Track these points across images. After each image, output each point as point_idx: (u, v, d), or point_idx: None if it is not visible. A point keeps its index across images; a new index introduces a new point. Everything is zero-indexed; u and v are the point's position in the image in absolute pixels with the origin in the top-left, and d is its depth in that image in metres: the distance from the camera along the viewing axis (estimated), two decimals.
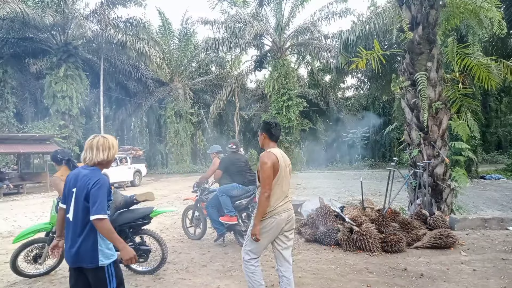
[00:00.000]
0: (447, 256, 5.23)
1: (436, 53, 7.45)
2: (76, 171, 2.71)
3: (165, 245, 4.83)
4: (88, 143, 2.69)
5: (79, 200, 2.54)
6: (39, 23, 19.53)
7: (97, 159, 2.65)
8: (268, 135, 3.54)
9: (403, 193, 8.92)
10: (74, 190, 2.59)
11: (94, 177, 2.56)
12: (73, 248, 2.54)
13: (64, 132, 21.26)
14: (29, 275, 4.88)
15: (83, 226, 2.53)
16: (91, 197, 2.48)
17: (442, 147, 7.38)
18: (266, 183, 3.24)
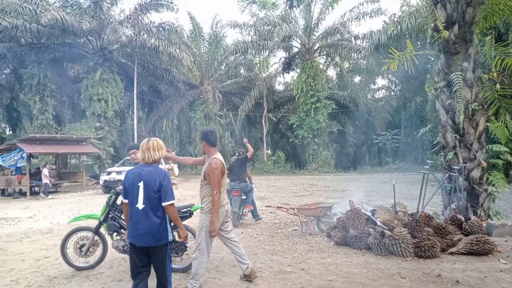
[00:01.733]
0: (484, 263, 5.04)
1: (473, 52, 7.19)
2: (136, 169, 3.36)
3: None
4: (144, 145, 3.38)
5: (150, 191, 3.22)
6: (77, 29, 20.43)
7: (155, 157, 3.36)
8: (207, 142, 4.20)
9: (436, 197, 8.65)
10: (140, 185, 3.24)
11: (162, 172, 3.32)
12: (146, 230, 3.21)
13: (99, 133, 22.06)
14: (74, 266, 5.15)
15: (155, 211, 3.24)
16: (163, 187, 3.23)
17: (478, 149, 7.11)
18: (217, 185, 3.99)
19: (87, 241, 5.11)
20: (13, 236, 7.73)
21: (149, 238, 3.23)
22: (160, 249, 3.31)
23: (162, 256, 3.34)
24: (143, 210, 3.23)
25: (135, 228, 3.26)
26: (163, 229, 3.29)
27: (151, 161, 3.36)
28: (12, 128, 32.60)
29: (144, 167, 3.35)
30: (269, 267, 5.07)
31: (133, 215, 3.27)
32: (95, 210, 11.13)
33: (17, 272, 5.19)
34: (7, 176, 16.86)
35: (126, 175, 3.40)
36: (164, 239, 3.30)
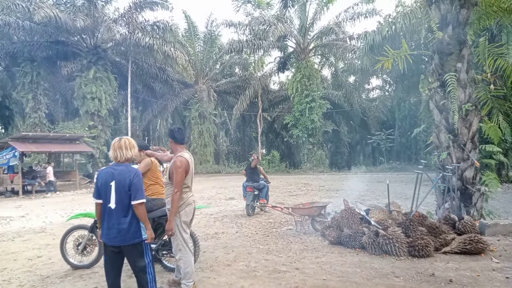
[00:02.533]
0: (477, 262, 5.08)
1: (467, 53, 7.24)
2: (108, 169, 3.33)
3: (198, 243, 4.92)
4: (116, 144, 3.35)
5: (121, 190, 3.21)
6: (71, 27, 20.28)
7: (127, 156, 3.35)
8: (173, 140, 4.17)
9: (430, 197, 8.71)
10: (112, 184, 3.22)
11: (133, 170, 3.29)
12: (117, 230, 3.21)
13: (93, 132, 21.92)
14: (71, 264, 5.16)
15: (127, 210, 3.23)
16: (133, 186, 3.21)
17: (472, 150, 7.17)
18: (179, 185, 3.91)
19: (83, 240, 5.10)
20: (5, 236, 7.65)
21: (121, 238, 3.23)
22: (133, 248, 3.31)
23: (137, 255, 3.33)
24: (115, 209, 3.23)
25: (107, 228, 3.27)
26: (135, 228, 3.28)
27: (123, 160, 3.34)
28: (4, 127, 32.28)
29: (116, 166, 3.33)
30: (263, 267, 5.06)
31: (105, 214, 3.28)
32: (88, 209, 11.06)
33: (9, 272, 5.14)
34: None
35: (98, 175, 3.38)
36: (136, 238, 3.28)
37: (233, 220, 8.74)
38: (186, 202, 4.10)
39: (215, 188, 16.28)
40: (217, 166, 30.66)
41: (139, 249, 3.33)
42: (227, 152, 38.28)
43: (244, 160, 32.97)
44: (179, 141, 4.18)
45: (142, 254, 3.35)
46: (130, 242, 3.26)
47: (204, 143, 30.11)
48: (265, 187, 9.69)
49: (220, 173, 28.46)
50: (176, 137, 4.15)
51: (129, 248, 3.29)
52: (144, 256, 3.36)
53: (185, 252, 4.09)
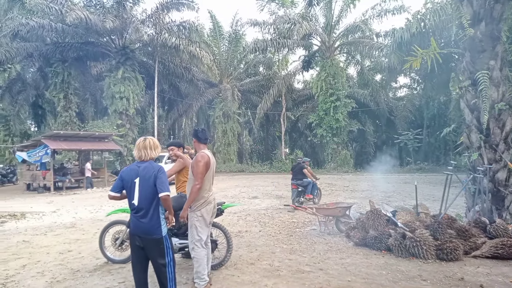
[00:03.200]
0: (510, 267, 4.89)
1: (500, 50, 6.96)
2: (133, 166, 3.49)
3: (231, 240, 4.99)
4: (141, 143, 3.52)
5: (146, 186, 3.35)
6: (100, 28, 20.86)
7: (151, 155, 3.52)
8: (197, 139, 4.36)
9: (460, 199, 8.44)
10: (136, 181, 3.38)
11: (156, 166, 3.45)
12: (138, 224, 3.37)
13: (121, 130, 22.47)
14: (109, 258, 5.36)
15: (149, 205, 3.36)
16: (158, 179, 3.34)
17: (505, 150, 6.88)
18: (198, 177, 4.05)
19: (121, 235, 5.25)
20: (38, 230, 7.98)
21: (141, 230, 3.38)
22: (154, 245, 3.40)
23: (157, 252, 3.42)
24: (138, 206, 3.38)
25: (132, 222, 3.46)
26: (156, 224, 3.40)
27: (147, 159, 3.50)
28: (37, 125, 33.67)
29: (140, 163, 3.49)
30: (287, 266, 5.06)
31: (131, 210, 3.46)
32: (117, 206, 11.38)
33: (43, 264, 5.37)
34: (32, 172, 17.41)
35: (123, 171, 3.54)
36: (156, 234, 3.39)
37: (256, 219, 8.77)
38: (207, 200, 4.18)
39: (238, 187, 16.37)
40: (240, 165, 30.80)
41: (160, 246, 3.42)
42: (250, 151, 38.36)
43: (267, 160, 32.96)
44: (202, 141, 4.37)
45: (163, 251, 3.44)
46: (149, 236, 3.37)
47: (228, 142, 30.31)
48: (310, 184, 10.54)
49: (243, 172, 28.58)
50: (199, 137, 4.35)
51: (150, 244, 3.40)
52: (164, 254, 3.45)
53: (198, 251, 4.14)
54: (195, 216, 4.13)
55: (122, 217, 5.83)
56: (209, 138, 4.51)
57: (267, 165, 30.49)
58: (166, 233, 3.50)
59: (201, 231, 4.15)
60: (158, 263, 3.44)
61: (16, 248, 6.39)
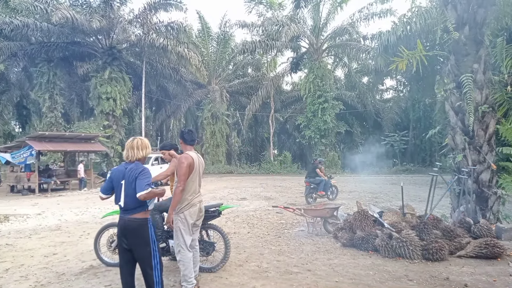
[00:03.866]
0: (493, 267, 4.98)
1: (484, 54, 7.12)
2: (120, 167, 3.46)
3: (229, 242, 4.94)
4: (129, 144, 3.48)
5: (129, 188, 3.29)
6: (87, 28, 20.62)
7: (138, 156, 3.45)
8: (183, 140, 4.31)
9: (445, 199, 8.58)
10: (122, 183, 3.34)
11: (139, 168, 3.36)
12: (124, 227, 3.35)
13: (108, 132, 22.22)
14: (104, 261, 5.27)
15: (133, 208, 3.33)
16: (137, 181, 3.25)
17: (488, 152, 7.03)
18: (181, 179, 3.98)
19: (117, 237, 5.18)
20: (22, 233, 7.82)
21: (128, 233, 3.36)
22: (141, 247, 3.37)
23: (143, 253, 3.38)
24: (124, 207, 3.37)
25: (119, 223, 3.43)
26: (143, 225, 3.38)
27: (133, 159, 3.44)
28: (21, 126, 33.03)
29: (127, 165, 3.44)
30: (275, 267, 5.07)
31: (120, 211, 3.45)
32: (103, 208, 11.23)
33: (26, 268, 5.26)
34: (17, 173, 17.07)
35: (111, 173, 3.53)
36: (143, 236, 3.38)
37: (244, 221, 8.76)
38: (191, 203, 4.11)
39: (227, 189, 16.34)
40: (229, 167, 30.75)
41: (147, 248, 3.38)
42: (239, 152, 38.33)
43: (256, 161, 32.98)
44: (188, 142, 4.32)
45: (150, 254, 3.40)
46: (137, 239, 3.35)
47: (216, 143, 30.23)
48: (322, 182, 11.66)
49: (232, 173, 28.53)
50: (185, 138, 4.31)
51: (137, 245, 3.37)
52: (151, 256, 3.40)
53: (184, 253, 4.09)
54: (178, 218, 4.08)
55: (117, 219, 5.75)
56: (196, 139, 4.43)
57: (255, 167, 30.50)
58: (153, 235, 3.45)
59: (185, 234, 4.10)
60: (144, 264, 3.42)
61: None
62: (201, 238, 4.92)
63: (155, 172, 16.50)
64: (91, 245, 6.52)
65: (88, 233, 7.67)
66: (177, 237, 4.12)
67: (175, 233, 4.14)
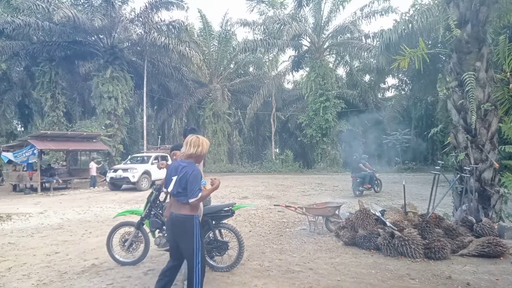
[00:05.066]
0: (496, 265, 4.97)
1: (486, 52, 7.08)
2: (176, 163, 3.60)
3: (243, 241, 4.91)
4: (185, 140, 3.62)
5: (179, 186, 3.42)
6: (88, 27, 20.64)
7: (188, 152, 3.50)
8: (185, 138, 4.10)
9: (447, 198, 8.56)
10: (173, 178, 3.47)
11: (191, 169, 3.43)
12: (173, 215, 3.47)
13: (109, 131, 22.26)
14: (117, 260, 5.27)
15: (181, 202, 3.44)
16: (189, 184, 3.35)
17: (491, 150, 7.00)
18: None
19: (130, 236, 5.20)
20: (24, 231, 7.85)
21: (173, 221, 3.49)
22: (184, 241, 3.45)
23: (188, 249, 3.43)
24: (173, 199, 3.57)
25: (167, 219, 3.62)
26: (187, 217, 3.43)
27: (185, 157, 3.56)
28: (24, 125, 33.09)
29: (183, 162, 3.56)
30: (277, 266, 5.07)
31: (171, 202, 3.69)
32: (105, 207, 11.26)
33: (29, 267, 5.27)
34: (19, 172, 17.12)
35: (169, 167, 3.71)
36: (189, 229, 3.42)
37: (246, 219, 8.77)
38: None
39: (228, 187, 16.34)
40: (230, 165, 30.78)
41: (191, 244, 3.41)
42: (240, 151, 38.33)
43: (257, 160, 33.01)
44: None
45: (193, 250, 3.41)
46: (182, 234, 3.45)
47: (218, 142, 30.25)
48: (367, 176, 12.77)
49: (233, 172, 28.55)
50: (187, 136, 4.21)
51: (182, 240, 3.46)
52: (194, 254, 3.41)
53: None
54: None
55: (130, 218, 5.77)
56: None
57: (257, 165, 30.51)
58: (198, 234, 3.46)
59: None
60: (188, 262, 3.48)
61: (1, 250, 6.27)
62: (214, 238, 4.90)
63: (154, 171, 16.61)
64: (93, 244, 6.58)
65: (90, 232, 7.70)
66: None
67: None
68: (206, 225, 4.71)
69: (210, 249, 4.90)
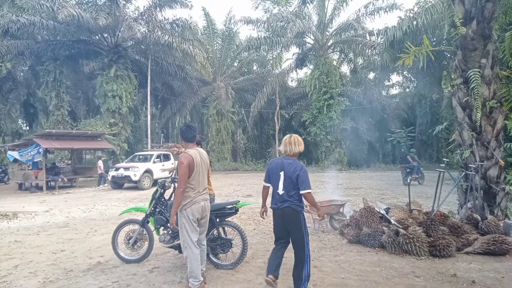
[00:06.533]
0: (501, 263, 4.95)
1: (492, 49, 7.01)
2: (279, 160, 3.98)
3: (246, 239, 4.92)
4: (287, 139, 3.97)
5: (288, 180, 3.80)
6: (93, 26, 20.70)
7: (294, 151, 3.93)
8: (182, 137, 4.24)
9: (452, 196, 8.52)
10: (281, 174, 3.84)
11: (299, 165, 3.85)
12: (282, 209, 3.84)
13: (114, 129, 22.34)
14: (122, 258, 5.31)
15: (291, 195, 3.80)
16: (300, 178, 3.76)
17: (496, 148, 6.95)
18: (181, 179, 3.96)
19: (135, 234, 5.23)
20: (30, 229, 7.92)
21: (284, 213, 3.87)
22: (294, 217, 3.84)
23: (297, 238, 3.88)
24: (282, 194, 3.84)
25: (275, 203, 3.92)
26: (297, 204, 3.84)
27: (291, 154, 3.93)
28: (29, 124, 33.31)
29: (285, 159, 3.93)
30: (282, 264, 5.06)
31: (275, 197, 3.93)
32: (110, 206, 11.32)
33: (35, 265, 5.32)
34: (24, 171, 17.24)
35: (270, 163, 4.05)
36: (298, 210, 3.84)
37: (250, 217, 8.78)
38: (193, 200, 4.07)
39: (232, 186, 16.37)
40: (234, 164, 30.79)
41: (300, 233, 3.85)
42: (244, 149, 38.33)
43: (261, 158, 33.00)
44: (188, 139, 4.23)
45: (303, 239, 3.87)
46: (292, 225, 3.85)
47: (222, 141, 30.28)
48: (415, 167, 14.91)
49: (237, 170, 28.57)
50: (185, 135, 4.22)
51: (293, 230, 3.87)
52: (304, 243, 3.87)
53: (190, 251, 4.07)
54: (182, 215, 4.07)
55: (135, 216, 5.79)
56: (196, 135, 4.29)
57: (261, 163, 30.49)
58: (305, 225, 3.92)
59: (190, 231, 4.08)
60: (298, 251, 3.89)
61: (8, 248, 6.33)
62: (218, 235, 4.91)
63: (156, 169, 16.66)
64: (98, 242, 6.63)
65: (96, 230, 7.75)
66: (183, 234, 4.11)
67: (180, 230, 4.14)
68: (210, 223, 4.70)
69: (214, 247, 4.91)
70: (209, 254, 4.89)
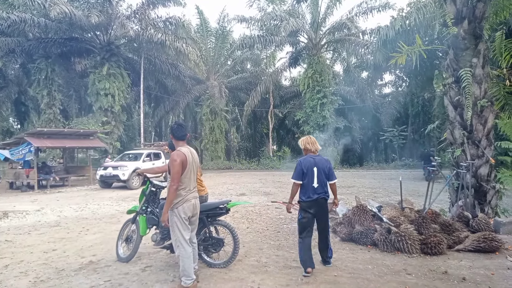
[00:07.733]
0: (491, 260, 5.00)
1: (483, 48, 7.09)
2: (308, 158, 4.65)
3: (238, 238, 4.91)
4: (307, 140, 4.77)
5: (321, 173, 4.59)
6: (85, 24, 20.53)
7: (318, 148, 4.77)
8: (173, 136, 4.25)
9: (443, 194, 8.61)
10: (315, 169, 4.56)
11: (327, 160, 4.72)
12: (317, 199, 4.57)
13: (106, 128, 22.19)
14: (118, 256, 5.32)
15: (324, 187, 4.62)
16: (330, 170, 4.68)
17: (487, 146, 7.03)
18: (174, 177, 3.95)
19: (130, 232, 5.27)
20: (21, 229, 7.83)
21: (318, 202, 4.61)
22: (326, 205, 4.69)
23: (326, 222, 4.75)
24: (317, 187, 4.54)
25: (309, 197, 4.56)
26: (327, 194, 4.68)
27: (314, 151, 4.72)
28: (20, 122, 32.97)
29: (313, 156, 4.66)
30: (274, 262, 5.08)
31: (309, 190, 4.54)
32: (102, 205, 11.25)
33: (26, 264, 5.27)
34: (15, 170, 17.05)
35: (302, 162, 4.59)
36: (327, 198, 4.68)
37: (244, 216, 8.78)
38: (185, 198, 4.06)
39: (226, 184, 16.35)
40: (228, 162, 30.77)
41: (328, 218, 4.78)
42: (238, 148, 38.34)
43: (255, 156, 33.01)
44: (178, 137, 4.21)
45: (328, 223, 4.83)
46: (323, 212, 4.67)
47: (215, 139, 30.23)
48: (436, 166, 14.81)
49: (231, 169, 28.55)
50: (175, 133, 4.21)
51: (323, 216, 4.68)
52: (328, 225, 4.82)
53: (183, 249, 4.06)
54: (174, 214, 4.05)
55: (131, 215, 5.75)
56: (186, 134, 4.27)
57: (254, 162, 30.51)
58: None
59: (182, 229, 4.06)
60: (326, 232, 4.75)
61: None
62: (209, 235, 4.90)
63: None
64: (90, 241, 6.58)
65: (88, 229, 7.69)
66: (174, 232, 4.10)
67: (172, 228, 4.12)
68: (201, 223, 4.70)
69: (206, 246, 4.90)
70: (201, 254, 4.88)
